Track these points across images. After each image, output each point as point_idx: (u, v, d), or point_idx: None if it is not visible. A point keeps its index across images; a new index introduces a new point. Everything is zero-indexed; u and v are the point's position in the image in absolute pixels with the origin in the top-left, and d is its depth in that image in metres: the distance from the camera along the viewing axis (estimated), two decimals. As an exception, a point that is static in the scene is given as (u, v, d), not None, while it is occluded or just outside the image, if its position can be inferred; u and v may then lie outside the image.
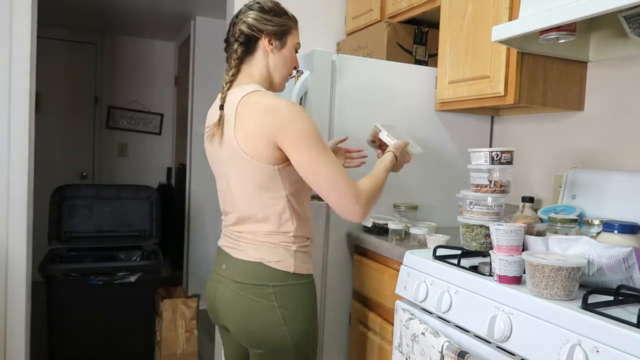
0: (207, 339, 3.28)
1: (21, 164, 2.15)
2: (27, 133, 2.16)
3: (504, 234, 1.12)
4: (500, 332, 1.04)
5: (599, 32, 1.58)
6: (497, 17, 1.60)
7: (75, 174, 4.49)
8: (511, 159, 1.42)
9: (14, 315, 2.17)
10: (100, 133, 4.59)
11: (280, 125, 1.22)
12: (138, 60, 4.68)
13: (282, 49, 1.39)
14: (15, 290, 2.17)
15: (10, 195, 2.13)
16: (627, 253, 1.04)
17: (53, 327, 2.55)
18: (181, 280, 4.15)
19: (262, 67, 1.38)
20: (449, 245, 1.45)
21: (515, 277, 1.11)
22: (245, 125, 1.26)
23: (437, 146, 2.02)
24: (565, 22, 1.22)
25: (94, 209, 2.98)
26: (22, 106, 2.14)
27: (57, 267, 2.60)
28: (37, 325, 2.69)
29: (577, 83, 1.69)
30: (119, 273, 2.62)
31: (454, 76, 1.80)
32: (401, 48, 2.12)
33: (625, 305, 0.99)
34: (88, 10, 3.84)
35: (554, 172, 1.83)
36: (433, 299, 1.28)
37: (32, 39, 2.15)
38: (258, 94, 1.29)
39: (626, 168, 1.57)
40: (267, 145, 1.24)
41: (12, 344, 2.17)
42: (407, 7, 2.09)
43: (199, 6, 3.66)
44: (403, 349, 1.33)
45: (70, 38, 4.45)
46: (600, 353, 0.86)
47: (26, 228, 2.18)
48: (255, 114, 1.25)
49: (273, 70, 1.39)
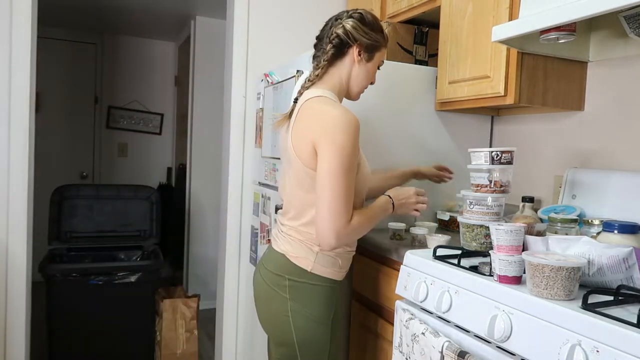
0: (207, 339, 3.28)
1: (21, 164, 2.15)
2: (27, 133, 2.16)
3: (504, 234, 1.12)
4: (501, 332, 1.04)
5: (599, 32, 1.58)
6: (497, 17, 1.60)
7: (75, 174, 4.49)
8: (511, 159, 1.42)
9: (14, 315, 2.17)
10: (101, 133, 4.59)
11: (322, 131, 1.25)
12: (138, 60, 4.68)
13: (369, 62, 1.43)
14: (15, 290, 2.17)
15: (10, 195, 2.13)
16: (627, 253, 1.04)
17: (53, 327, 2.54)
18: (181, 280, 4.15)
19: (345, 75, 1.42)
20: (449, 245, 1.45)
21: (516, 277, 1.11)
22: (299, 125, 1.32)
23: (437, 146, 2.02)
24: (565, 22, 1.22)
25: (94, 209, 2.98)
26: (22, 106, 2.14)
27: (57, 267, 2.60)
28: (37, 325, 2.69)
29: (577, 83, 1.69)
30: (119, 273, 2.62)
31: (454, 76, 1.80)
32: (401, 48, 2.12)
33: (625, 305, 0.99)
34: (88, 10, 3.84)
35: (554, 172, 1.83)
36: (433, 299, 1.28)
37: (32, 39, 2.15)
38: (320, 100, 1.33)
39: (626, 168, 1.57)
40: (309, 149, 1.28)
41: (12, 344, 2.17)
42: (407, 7, 2.09)
43: (199, 6, 3.66)
44: (403, 349, 1.33)
45: (70, 38, 4.45)
46: (600, 353, 0.86)
47: (26, 228, 2.18)
48: (309, 117, 1.30)
49: (354, 80, 1.43)
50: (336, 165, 1.24)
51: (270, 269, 1.38)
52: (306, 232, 1.36)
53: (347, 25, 1.37)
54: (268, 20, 2.49)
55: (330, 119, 1.26)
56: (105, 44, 4.58)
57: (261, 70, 2.46)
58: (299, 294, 1.34)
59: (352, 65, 1.41)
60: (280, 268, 1.36)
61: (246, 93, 2.48)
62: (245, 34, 2.45)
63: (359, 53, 1.39)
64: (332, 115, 1.26)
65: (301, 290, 1.34)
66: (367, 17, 1.40)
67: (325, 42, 1.40)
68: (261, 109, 2.37)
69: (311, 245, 1.35)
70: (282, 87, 2.05)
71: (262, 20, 2.48)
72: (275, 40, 2.51)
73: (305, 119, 1.31)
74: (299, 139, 1.31)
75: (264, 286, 1.39)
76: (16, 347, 2.18)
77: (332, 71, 1.41)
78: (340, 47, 1.39)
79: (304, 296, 1.34)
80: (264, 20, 2.48)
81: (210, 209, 3.95)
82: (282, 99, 2.06)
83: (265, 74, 2.27)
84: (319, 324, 1.35)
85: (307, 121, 1.30)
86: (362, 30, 1.38)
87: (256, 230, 2.32)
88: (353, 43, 1.38)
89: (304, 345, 1.34)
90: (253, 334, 2.40)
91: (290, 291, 1.34)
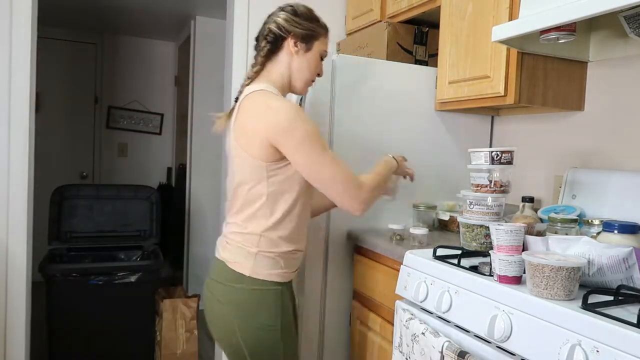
0: (207, 339, 3.28)
1: (21, 164, 2.15)
2: (27, 133, 2.16)
3: (504, 234, 1.12)
4: (501, 332, 1.04)
5: (599, 32, 1.57)
6: (497, 17, 1.60)
7: (75, 174, 4.49)
8: (511, 159, 1.42)
9: (14, 315, 2.17)
10: (101, 133, 4.58)
11: (278, 128, 1.25)
12: (138, 60, 4.68)
13: (307, 53, 1.42)
14: (15, 290, 2.17)
15: (10, 195, 2.13)
16: (627, 253, 1.04)
17: (53, 327, 2.54)
18: (181, 280, 4.15)
19: (284, 68, 1.41)
20: (449, 245, 1.45)
21: (516, 277, 1.11)
22: (244, 120, 1.31)
23: (437, 146, 2.02)
24: (565, 22, 1.22)
25: (94, 209, 2.98)
26: (22, 106, 2.14)
27: (57, 267, 2.60)
28: (37, 325, 2.69)
29: (577, 83, 1.69)
30: (119, 273, 2.62)
31: (454, 76, 1.80)
32: (401, 48, 2.12)
33: (625, 305, 0.99)
34: (88, 10, 3.84)
35: (554, 172, 1.83)
36: (433, 299, 1.28)
37: (32, 39, 2.15)
38: (262, 93, 1.32)
39: (626, 168, 1.57)
40: (261, 143, 1.27)
41: (12, 344, 2.17)
42: (407, 7, 2.09)
43: (199, 6, 3.66)
44: (403, 348, 1.33)
45: (70, 38, 4.45)
46: (600, 353, 0.86)
47: (26, 228, 2.17)
48: (254, 111, 1.29)
49: (295, 72, 1.42)
50: (311, 154, 1.25)
51: (214, 278, 1.36)
52: (244, 233, 1.33)
53: (278, 19, 1.39)
54: (268, 20, 2.49)
55: (280, 114, 1.26)
56: (105, 44, 4.58)
57: (261, 70, 2.46)
58: (241, 301, 1.30)
59: (290, 57, 1.40)
60: (221, 276, 1.34)
61: (246, 93, 2.48)
62: (245, 34, 2.45)
63: (295, 44, 1.39)
64: (279, 107, 1.27)
65: (243, 298, 1.30)
66: (299, 8, 1.41)
67: (261, 39, 1.42)
68: (261, 109, 2.37)
69: (249, 248, 1.32)
70: (282, 87, 2.06)
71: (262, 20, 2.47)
72: (275, 40, 2.50)
73: (249, 113, 1.30)
74: (245, 133, 1.30)
75: (209, 294, 1.37)
76: (16, 347, 2.18)
77: (270, 67, 1.41)
78: (274, 41, 1.39)
79: (247, 303, 1.30)
80: (264, 20, 2.48)
81: (210, 209, 3.95)
82: (282, 99, 2.06)
83: (265, 74, 2.27)
84: (267, 331, 1.30)
85: (252, 115, 1.29)
86: (294, 22, 1.38)
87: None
88: (287, 35, 1.38)
89: (255, 355, 1.30)
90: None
91: (232, 300, 1.30)
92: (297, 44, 1.39)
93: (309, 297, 1.84)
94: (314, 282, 1.84)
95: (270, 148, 1.27)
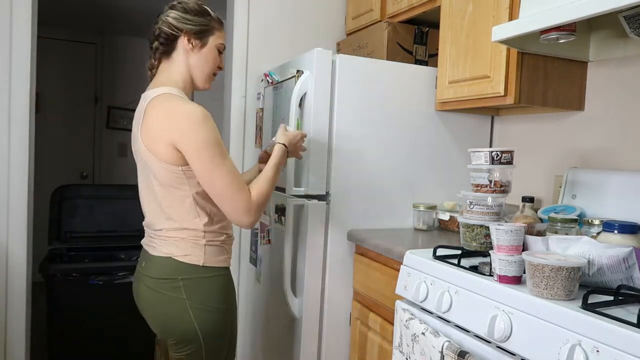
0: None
1: (21, 164, 2.15)
2: (27, 133, 2.16)
3: (504, 234, 1.12)
4: (501, 332, 1.04)
5: (599, 32, 1.58)
6: (497, 17, 1.60)
7: (75, 174, 4.49)
8: (511, 159, 1.42)
9: (14, 315, 2.17)
10: (101, 133, 4.58)
11: (180, 132, 1.25)
12: (138, 60, 4.67)
13: (203, 48, 1.41)
14: (15, 290, 2.17)
15: (10, 195, 2.13)
16: (627, 253, 1.04)
17: (53, 327, 2.54)
18: (181, 280, 4.14)
19: (182, 67, 1.40)
20: (449, 245, 1.45)
21: (516, 277, 1.11)
22: (149, 126, 1.30)
23: (437, 146, 2.02)
24: (565, 22, 1.22)
25: (94, 209, 2.98)
26: (22, 106, 2.14)
27: (57, 267, 2.60)
28: (37, 325, 2.69)
29: (577, 83, 1.69)
30: (119, 273, 2.62)
31: (454, 76, 1.80)
32: (401, 48, 2.12)
33: (625, 305, 0.99)
34: (88, 10, 3.84)
35: (554, 172, 1.83)
36: (433, 299, 1.28)
37: (32, 39, 2.15)
38: (166, 97, 1.31)
39: (626, 168, 1.57)
40: (167, 148, 1.27)
41: (12, 344, 2.17)
42: (407, 7, 2.09)
43: (199, 6, 3.65)
44: (403, 348, 1.33)
45: (70, 38, 4.45)
46: (600, 353, 0.86)
47: (26, 228, 2.18)
48: (160, 116, 1.29)
49: (193, 69, 1.41)
50: (208, 159, 1.25)
51: (156, 275, 1.35)
52: (188, 229, 1.34)
53: (169, 19, 1.37)
54: (268, 21, 2.49)
55: (183, 118, 1.25)
56: (105, 44, 4.58)
57: (261, 70, 2.46)
58: (195, 290, 1.33)
59: (186, 55, 1.39)
60: (169, 271, 1.34)
61: (246, 93, 2.48)
62: (245, 34, 2.45)
63: (188, 41, 1.37)
64: (183, 113, 1.26)
65: (197, 287, 1.34)
66: (188, 5, 1.39)
67: (153, 41, 1.41)
68: (261, 109, 2.37)
69: (196, 240, 1.34)
70: (282, 87, 2.06)
71: (262, 20, 2.48)
72: (275, 40, 2.51)
73: (156, 119, 1.29)
74: (153, 139, 1.29)
75: (155, 295, 1.36)
76: (16, 347, 2.18)
77: (168, 67, 1.40)
78: (167, 42, 1.38)
79: (201, 291, 1.34)
80: (264, 20, 2.48)
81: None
82: (282, 99, 2.06)
83: (265, 74, 2.27)
84: (218, 312, 1.36)
85: (159, 121, 1.28)
86: (185, 19, 1.37)
87: (256, 230, 2.32)
88: (179, 33, 1.37)
89: (207, 337, 1.34)
90: (253, 333, 2.41)
91: (186, 290, 1.33)
92: (191, 41, 1.38)
93: (309, 297, 1.84)
94: (314, 282, 1.84)
95: (177, 152, 1.27)
